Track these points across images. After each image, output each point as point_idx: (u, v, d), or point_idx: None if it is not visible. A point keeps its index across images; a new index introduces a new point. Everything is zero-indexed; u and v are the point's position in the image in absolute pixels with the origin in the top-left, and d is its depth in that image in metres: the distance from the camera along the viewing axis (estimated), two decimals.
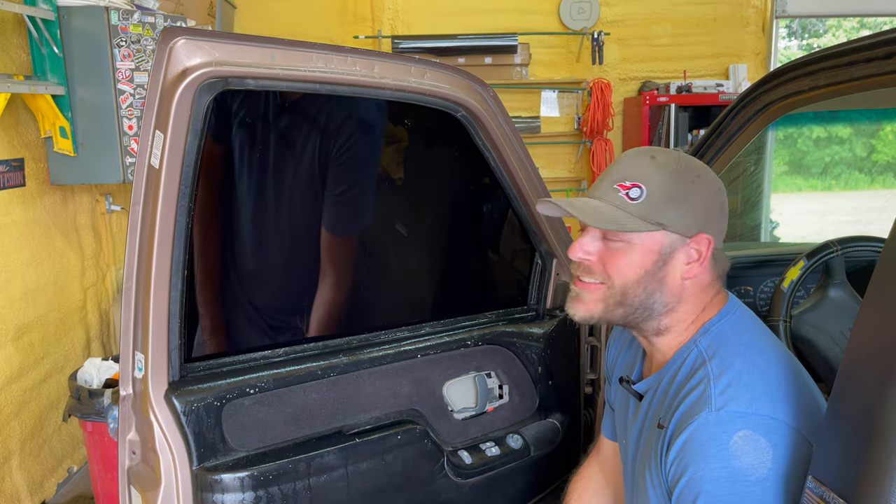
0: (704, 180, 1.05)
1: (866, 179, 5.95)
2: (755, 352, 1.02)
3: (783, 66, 1.59)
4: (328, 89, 1.36)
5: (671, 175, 1.04)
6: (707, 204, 1.05)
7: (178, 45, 1.19)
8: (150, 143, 1.22)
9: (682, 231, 1.04)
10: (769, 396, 0.96)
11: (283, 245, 1.54)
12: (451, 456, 1.60)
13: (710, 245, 1.05)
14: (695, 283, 1.07)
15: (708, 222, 1.05)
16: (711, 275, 1.08)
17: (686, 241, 1.04)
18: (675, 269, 1.05)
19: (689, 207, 1.03)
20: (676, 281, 1.06)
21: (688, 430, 0.95)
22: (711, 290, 1.09)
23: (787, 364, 1.03)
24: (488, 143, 1.63)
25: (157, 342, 1.26)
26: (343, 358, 1.48)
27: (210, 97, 1.22)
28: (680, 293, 1.07)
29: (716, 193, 1.06)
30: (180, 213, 1.23)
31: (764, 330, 1.10)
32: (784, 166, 5.63)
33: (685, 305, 1.08)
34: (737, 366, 0.99)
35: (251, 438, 1.35)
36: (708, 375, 0.99)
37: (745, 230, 4.64)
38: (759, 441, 0.91)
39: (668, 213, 1.03)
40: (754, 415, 0.93)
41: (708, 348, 1.03)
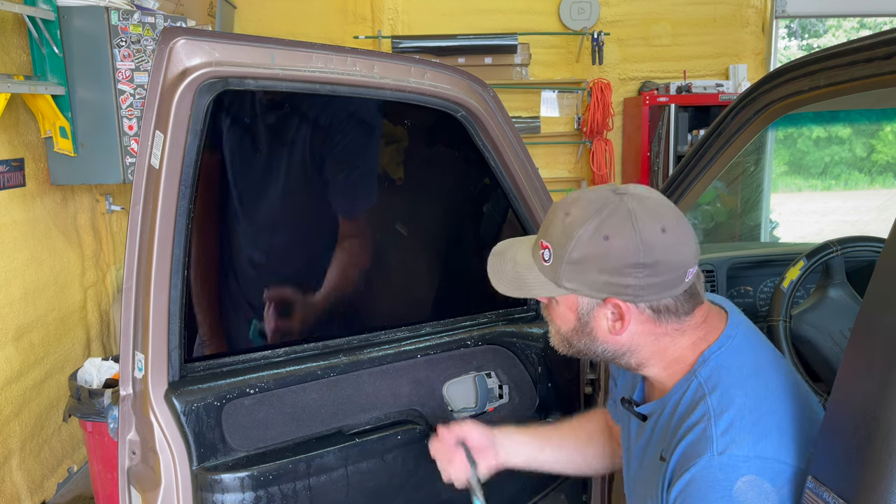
0: (617, 238, 0.95)
1: (866, 179, 5.95)
2: (758, 384, 0.98)
3: (783, 66, 1.59)
4: (328, 89, 1.36)
5: (577, 238, 0.96)
6: (618, 266, 0.95)
7: (178, 45, 1.19)
8: (150, 143, 1.22)
9: (591, 295, 0.99)
10: (773, 436, 0.92)
11: (283, 244, 1.54)
12: None
13: (624, 310, 0.98)
14: (647, 334, 1.01)
15: (621, 284, 0.96)
16: (667, 324, 1.00)
17: (600, 301, 0.99)
18: (601, 327, 1.01)
19: (595, 270, 0.96)
20: (610, 336, 1.02)
21: (690, 472, 0.92)
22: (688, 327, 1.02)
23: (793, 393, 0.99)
24: (488, 144, 1.63)
25: (157, 342, 1.26)
26: (343, 358, 1.48)
27: (210, 97, 1.22)
28: (626, 344, 1.02)
29: (631, 252, 0.94)
30: (180, 213, 1.23)
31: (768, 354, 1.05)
32: (784, 166, 5.63)
33: (649, 349, 1.03)
34: (738, 401, 0.95)
35: (251, 438, 1.35)
36: (709, 412, 0.95)
37: (744, 230, 4.64)
38: (764, 486, 0.89)
39: (574, 278, 0.98)
40: (757, 458, 0.90)
41: (708, 380, 0.99)
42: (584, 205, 0.98)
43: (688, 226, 0.99)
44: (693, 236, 0.99)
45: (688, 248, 0.97)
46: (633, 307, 0.99)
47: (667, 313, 0.99)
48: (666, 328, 1.01)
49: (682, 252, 0.96)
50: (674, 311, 0.99)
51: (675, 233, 0.96)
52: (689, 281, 0.98)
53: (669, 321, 1.00)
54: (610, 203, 0.96)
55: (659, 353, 1.04)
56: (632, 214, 0.95)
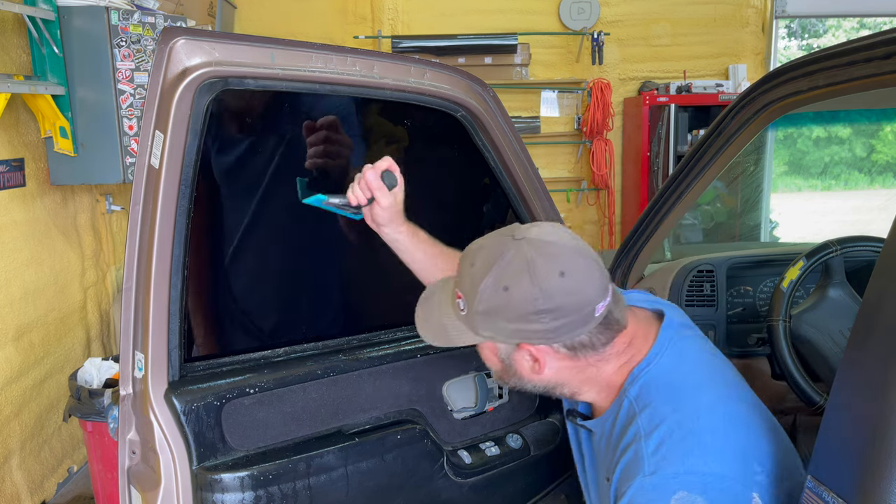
0: (516, 289, 0.96)
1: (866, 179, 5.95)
2: (689, 398, 0.99)
3: (782, 66, 1.59)
4: (328, 89, 1.36)
5: (482, 289, 0.98)
6: (522, 314, 0.97)
7: (178, 45, 1.19)
8: (150, 143, 1.22)
9: (505, 341, 1.02)
10: (701, 449, 0.93)
11: (283, 244, 1.54)
12: (451, 455, 1.60)
13: (536, 353, 1.01)
14: (569, 369, 1.04)
15: (529, 330, 0.98)
16: (586, 357, 1.02)
17: (515, 346, 1.02)
18: (523, 368, 1.04)
19: (503, 319, 0.98)
20: (532, 377, 1.05)
21: (626, 496, 0.93)
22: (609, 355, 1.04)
23: (729, 401, 1.00)
24: (488, 144, 1.63)
25: (156, 342, 1.26)
26: (343, 357, 1.48)
27: (210, 97, 1.22)
28: (552, 380, 1.05)
29: (530, 301, 0.95)
30: (180, 213, 1.23)
31: (698, 363, 1.05)
32: (784, 166, 5.63)
33: (576, 380, 1.05)
34: (668, 419, 0.96)
35: (251, 438, 1.35)
36: (639, 432, 0.96)
37: (744, 230, 4.64)
38: (696, 500, 0.89)
39: (487, 327, 1.01)
40: (687, 473, 0.91)
41: (637, 399, 1.00)
42: (485, 255, 0.99)
43: (590, 264, 0.99)
44: (596, 273, 0.99)
45: (590, 286, 0.98)
46: (548, 348, 1.01)
47: (583, 349, 1.02)
48: (586, 361, 1.03)
49: (585, 292, 0.97)
50: (590, 346, 1.01)
51: (574, 275, 0.97)
52: (601, 315, 0.99)
53: (587, 355, 1.03)
54: (508, 251, 0.98)
55: (588, 383, 1.06)
56: (528, 263, 0.96)
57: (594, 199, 5.56)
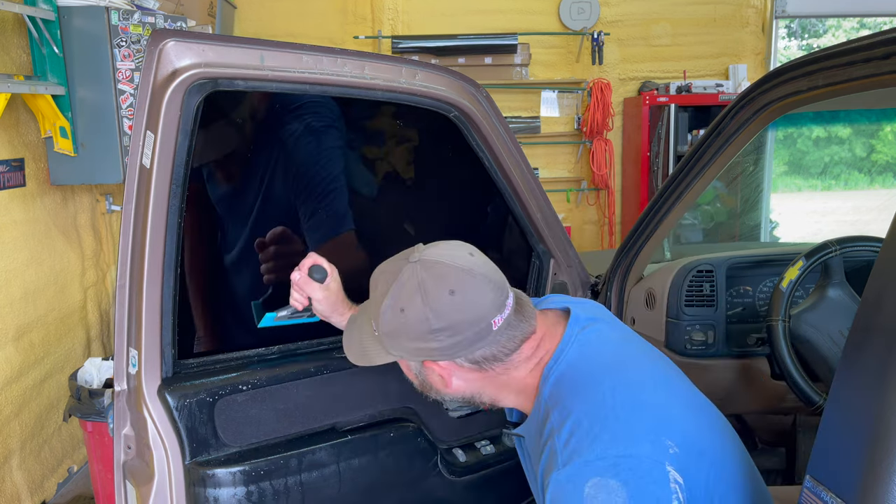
0: (410, 310, 1.01)
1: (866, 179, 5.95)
2: (589, 387, 1.01)
3: (782, 66, 1.59)
4: (318, 90, 1.36)
5: (384, 311, 1.03)
6: (420, 334, 1.01)
7: (168, 46, 1.20)
8: (142, 143, 1.23)
9: (412, 359, 1.06)
10: (608, 433, 0.94)
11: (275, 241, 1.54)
12: (445, 454, 1.60)
13: (441, 370, 1.04)
14: (479, 380, 1.06)
15: (429, 349, 1.02)
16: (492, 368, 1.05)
17: (422, 363, 1.06)
18: (435, 383, 1.08)
19: (405, 340, 1.03)
20: (445, 390, 1.08)
21: (548, 491, 0.95)
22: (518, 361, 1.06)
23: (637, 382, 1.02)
24: (482, 144, 1.63)
25: (149, 338, 1.27)
26: (336, 355, 1.48)
27: (200, 98, 1.23)
28: (467, 391, 1.08)
29: (423, 321, 1.00)
30: (171, 211, 1.24)
31: (602, 351, 1.07)
32: (784, 166, 5.63)
33: (491, 389, 1.08)
34: (575, 411, 0.98)
35: (244, 434, 1.36)
36: (552, 428, 0.99)
37: (744, 230, 4.64)
38: (610, 483, 0.90)
39: (394, 346, 1.06)
40: (597, 459, 0.92)
41: (550, 397, 1.03)
42: (386, 278, 1.05)
43: (480, 281, 1.02)
44: (487, 289, 1.01)
45: (482, 303, 1.01)
46: (451, 364, 1.04)
47: (487, 361, 1.04)
48: (494, 372, 1.06)
49: (477, 308, 1.00)
50: (493, 358, 1.04)
51: (464, 293, 1.00)
52: (500, 327, 1.02)
53: (494, 366, 1.05)
54: (403, 274, 1.02)
55: (503, 390, 1.09)
56: (420, 284, 1.01)
57: (594, 199, 5.56)
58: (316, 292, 1.28)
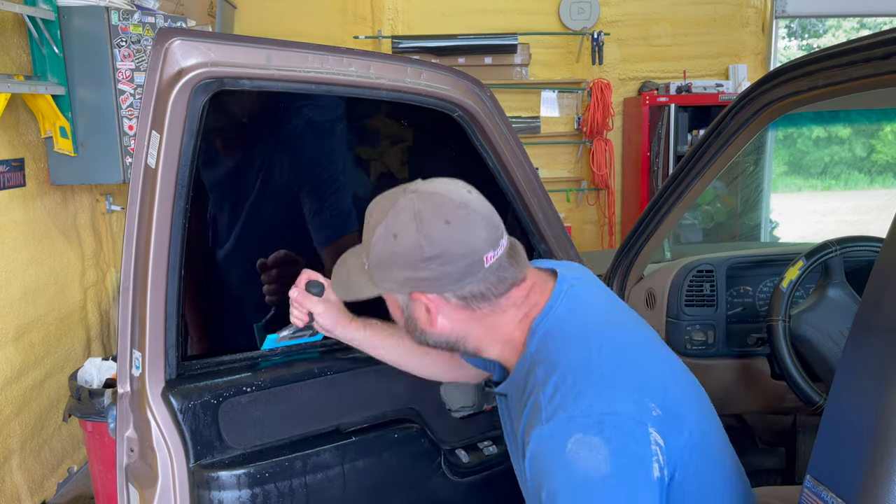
0: (403, 236, 1.00)
1: (866, 179, 5.95)
2: (577, 343, 1.00)
3: (782, 66, 1.59)
4: (324, 90, 1.36)
5: (377, 239, 1.02)
6: (410, 262, 1.00)
7: (174, 45, 1.20)
8: (147, 143, 1.23)
9: (400, 291, 1.05)
10: (593, 390, 0.94)
11: (279, 243, 1.54)
12: (449, 454, 1.60)
13: (428, 302, 1.03)
14: (465, 320, 1.05)
15: (417, 278, 1.01)
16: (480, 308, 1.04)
17: (410, 297, 1.04)
18: (422, 319, 1.06)
19: (396, 269, 1.02)
20: (431, 328, 1.06)
21: (529, 447, 0.95)
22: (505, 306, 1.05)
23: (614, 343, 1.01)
24: (485, 143, 1.63)
25: (153, 340, 1.26)
26: (340, 356, 1.48)
27: (206, 98, 1.23)
28: (452, 332, 1.06)
29: (416, 248, 0.99)
30: (177, 212, 1.24)
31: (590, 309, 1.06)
32: (784, 166, 5.63)
33: (476, 334, 1.06)
34: (560, 366, 0.97)
35: (248, 436, 1.35)
36: (536, 384, 0.98)
37: (744, 230, 4.64)
38: (592, 440, 0.90)
39: (384, 278, 1.04)
40: (580, 416, 0.92)
41: (536, 353, 1.02)
42: (380, 207, 1.04)
43: (475, 216, 1.02)
44: (481, 224, 1.01)
45: (476, 236, 1.00)
46: (439, 298, 1.03)
47: (475, 299, 1.03)
48: (481, 312, 1.04)
49: (470, 241, 1.00)
50: (482, 297, 1.03)
51: (459, 224, 1.00)
52: (492, 266, 1.01)
53: (482, 306, 1.03)
54: (399, 203, 1.02)
55: (488, 337, 1.07)
56: (416, 213, 1.00)
57: (594, 199, 5.56)
58: (316, 306, 1.27)
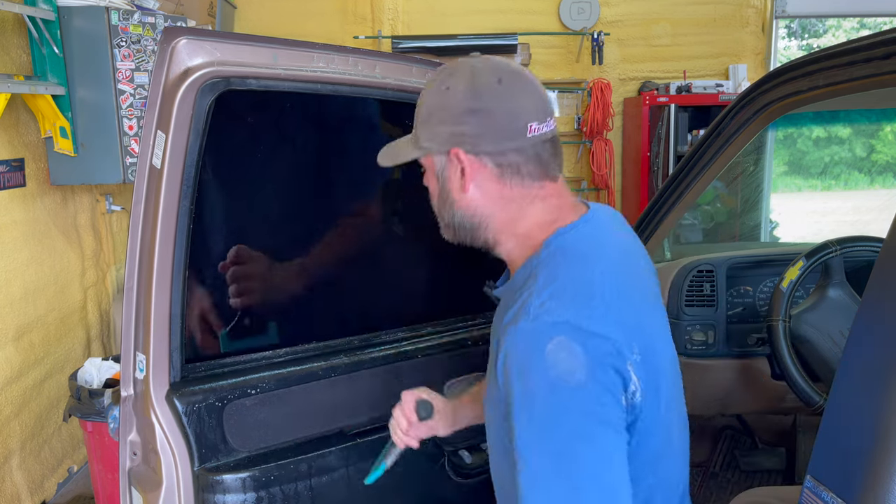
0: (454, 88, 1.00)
1: (866, 179, 5.95)
2: (587, 263, 0.99)
3: (782, 66, 1.59)
4: (330, 89, 1.36)
5: (428, 95, 1.03)
6: (455, 114, 1.00)
7: (180, 45, 1.19)
8: (152, 143, 1.22)
9: (439, 150, 1.03)
10: (588, 309, 0.92)
11: (283, 245, 1.54)
12: (452, 456, 1.60)
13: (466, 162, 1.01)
14: (494, 196, 1.03)
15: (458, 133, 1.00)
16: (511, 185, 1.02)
17: (447, 157, 1.03)
18: (454, 186, 1.04)
19: (439, 123, 1.01)
20: (462, 197, 1.04)
21: (505, 343, 0.93)
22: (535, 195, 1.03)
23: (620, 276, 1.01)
24: None
25: (158, 343, 1.26)
26: (344, 358, 1.48)
27: (212, 97, 1.22)
28: (479, 208, 1.04)
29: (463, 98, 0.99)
30: (182, 213, 1.23)
31: (614, 242, 1.06)
32: (784, 166, 5.63)
33: (500, 217, 1.04)
34: (561, 278, 0.96)
35: (253, 439, 1.35)
36: (532, 288, 0.96)
37: (744, 230, 4.64)
38: (574, 347, 0.89)
39: (426, 136, 1.04)
40: (566, 323, 0.90)
41: (542, 262, 1.00)
42: (439, 71, 1.05)
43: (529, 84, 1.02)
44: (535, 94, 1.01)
45: (526, 101, 1.00)
46: (476, 160, 1.01)
47: (510, 172, 1.01)
48: (511, 191, 1.03)
49: (518, 102, 1.00)
50: (517, 172, 1.01)
51: (511, 84, 1.00)
52: (534, 138, 1.00)
53: (513, 182, 1.02)
54: (460, 65, 1.03)
55: (509, 226, 1.05)
56: (472, 68, 1.02)
57: (594, 199, 5.56)
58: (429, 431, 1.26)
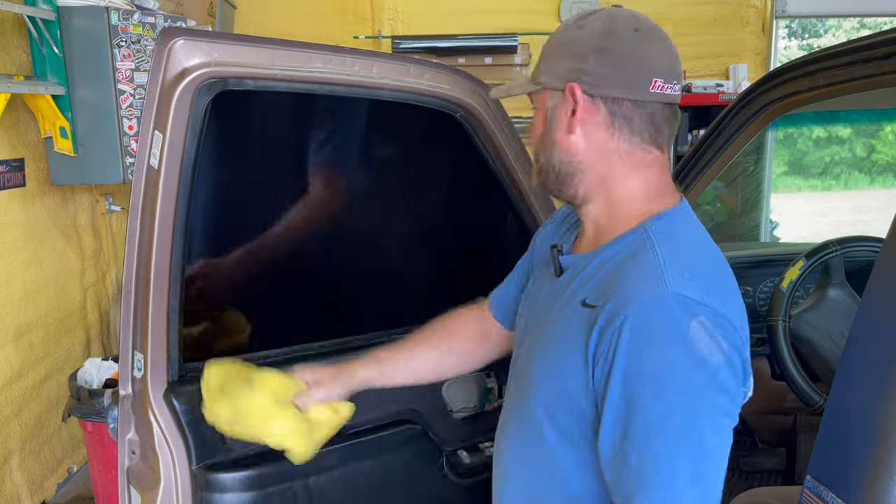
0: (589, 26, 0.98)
1: (866, 179, 5.95)
2: (708, 253, 0.98)
3: (782, 66, 1.59)
4: (327, 90, 1.36)
5: (559, 32, 1.01)
6: (582, 51, 0.97)
7: (177, 45, 1.20)
8: (150, 143, 1.22)
9: (554, 85, 1.00)
10: (720, 295, 0.91)
11: (282, 245, 1.54)
12: (451, 455, 1.60)
13: (579, 99, 0.97)
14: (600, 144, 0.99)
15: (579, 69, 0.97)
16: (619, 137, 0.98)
17: (562, 94, 0.99)
18: (560, 126, 1.01)
19: (563, 58, 0.99)
20: (566, 138, 1.01)
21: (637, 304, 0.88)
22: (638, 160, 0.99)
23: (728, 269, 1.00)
24: (487, 144, 1.63)
25: (156, 342, 1.26)
26: (342, 358, 1.47)
27: (209, 98, 1.23)
28: (574, 151, 1.01)
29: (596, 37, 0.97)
30: (179, 213, 1.24)
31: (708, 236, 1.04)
32: (784, 166, 5.63)
33: (598, 171, 1.01)
34: (686, 258, 0.93)
35: None
36: (658, 260, 0.92)
37: (744, 230, 4.64)
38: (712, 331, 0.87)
39: (545, 70, 1.02)
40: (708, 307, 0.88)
41: (658, 234, 0.95)
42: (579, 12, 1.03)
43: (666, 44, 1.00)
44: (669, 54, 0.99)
45: (657, 55, 0.97)
46: (590, 102, 0.97)
47: (621, 124, 0.97)
48: (617, 144, 0.98)
49: (648, 54, 0.97)
50: (629, 126, 0.97)
51: (647, 36, 0.98)
52: (655, 96, 0.96)
53: (622, 135, 0.98)
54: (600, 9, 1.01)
55: (606, 183, 1.01)
56: (612, 13, 1.00)
57: None
58: None
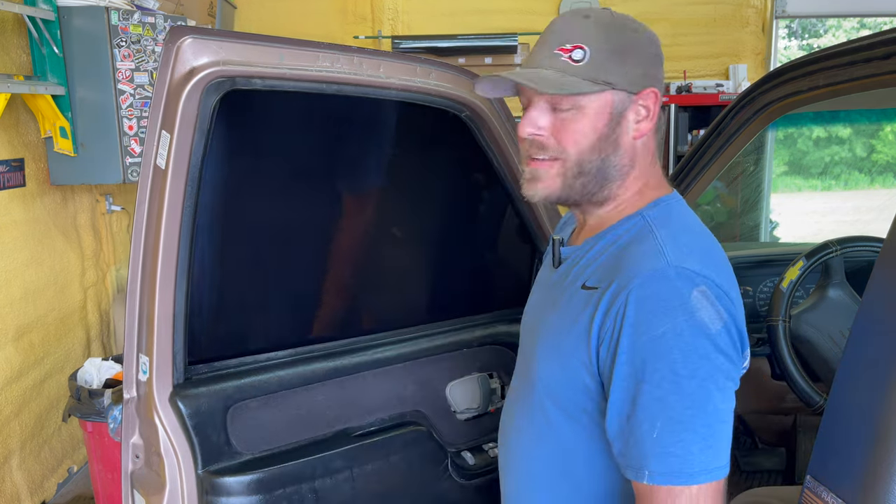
0: (642, 32, 1.03)
1: (866, 179, 5.95)
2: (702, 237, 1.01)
3: (782, 66, 1.59)
4: (334, 89, 1.36)
5: (611, 31, 1.00)
6: (649, 57, 1.01)
7: (185, 44, 1.19)
8: (157, 143, 1.21)
9: (628, 88, 1.00)
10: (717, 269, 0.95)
11: (288, 246, 1.54)
12: (455, 457, 1.60)
13: (657, 99, 1.01)
14: (645, 144, 1.04)
15: (652, 76, 1.01)
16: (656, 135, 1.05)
17: (633, 97, 1.00)
18: (627, 128, 1.01)
19: (633, 62, 1.00)
20: (629, 142, 1.02)
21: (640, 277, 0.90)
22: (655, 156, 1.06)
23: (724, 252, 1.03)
24: (492, 143, 1.63)
25: (161, 345, 1.25)
26: (347, 359, 1.48)
27: (217, 97, 1.22)
28: (633, 154, 1.03)
29: (654, 44, 1.03)
30: (186, 213, 1.23)
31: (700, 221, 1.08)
32: (784, 166, 5.63)
33: (636, 170, 1.04)
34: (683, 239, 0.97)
35: (256, 441, 1.35)
36: (657, 241, 0.96)
37: (744, 230, 4.64)
38: (713, 300, 0.90)
39: (614, 71, 0.99)
40: (707, 278, 0.91)
41: (655, 220, 1.00)
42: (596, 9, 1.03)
43: None
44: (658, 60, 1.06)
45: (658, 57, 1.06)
46: (658, 99, 1.02)
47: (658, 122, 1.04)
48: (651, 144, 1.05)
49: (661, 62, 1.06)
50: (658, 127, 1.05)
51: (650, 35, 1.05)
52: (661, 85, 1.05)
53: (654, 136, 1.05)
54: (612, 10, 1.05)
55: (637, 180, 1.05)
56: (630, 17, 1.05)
57: None
58: None
